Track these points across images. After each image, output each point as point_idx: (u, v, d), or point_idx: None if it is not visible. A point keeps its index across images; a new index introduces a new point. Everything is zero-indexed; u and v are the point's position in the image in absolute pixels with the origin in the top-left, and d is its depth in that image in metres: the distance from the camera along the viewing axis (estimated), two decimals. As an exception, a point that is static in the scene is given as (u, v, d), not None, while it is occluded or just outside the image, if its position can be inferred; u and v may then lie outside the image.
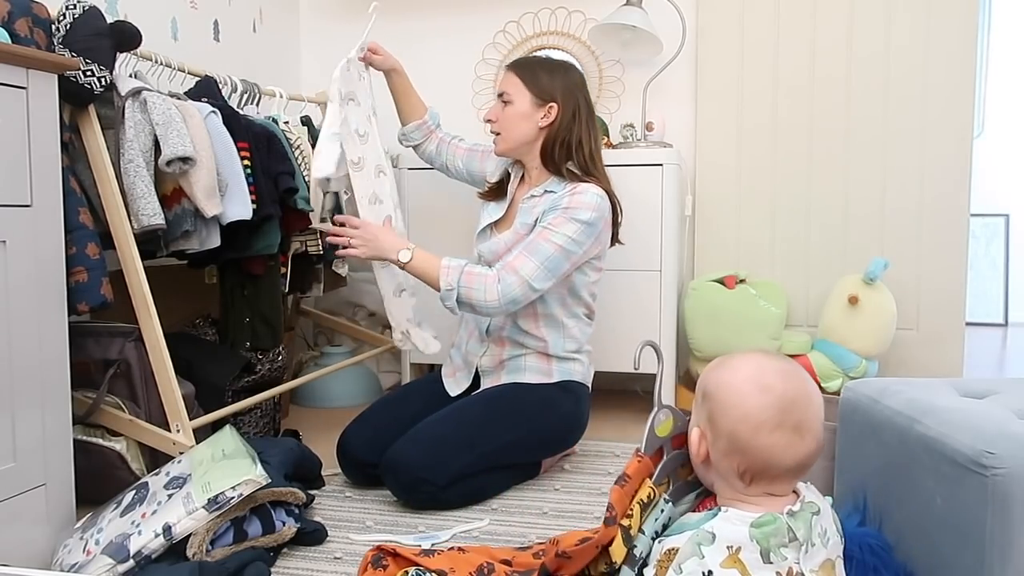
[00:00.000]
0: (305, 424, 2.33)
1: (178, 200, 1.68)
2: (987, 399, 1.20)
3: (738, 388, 0.95)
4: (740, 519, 0.90)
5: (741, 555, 0.87)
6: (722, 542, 0.88)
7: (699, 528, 0.90)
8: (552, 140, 1.86)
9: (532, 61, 1.97)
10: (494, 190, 2.00)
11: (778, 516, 0.89)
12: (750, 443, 0.93)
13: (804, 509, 0.92)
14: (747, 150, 2.62)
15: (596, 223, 1.79)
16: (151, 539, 1.28)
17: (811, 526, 0.91)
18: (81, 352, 1.64)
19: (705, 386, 0.99)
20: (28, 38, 1.49)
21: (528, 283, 1.73)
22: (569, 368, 1.89)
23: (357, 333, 2.75)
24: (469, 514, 1.65)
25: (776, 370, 0.95)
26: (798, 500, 0.94)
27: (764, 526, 0.88)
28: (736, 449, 0.94)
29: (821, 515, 0.93)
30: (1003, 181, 4.48)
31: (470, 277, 1.73)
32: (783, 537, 0.88)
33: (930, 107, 2.47)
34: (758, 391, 0.93)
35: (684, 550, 0.89)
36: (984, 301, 4.50)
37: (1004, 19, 4.46)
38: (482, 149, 2.11)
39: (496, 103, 1.93)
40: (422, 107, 2.12)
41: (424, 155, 2.18)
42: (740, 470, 0.94)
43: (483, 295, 1.72)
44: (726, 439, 0.95)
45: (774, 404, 0.92)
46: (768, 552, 0.87)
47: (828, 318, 2.38)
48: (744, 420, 0.93)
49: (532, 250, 1.75)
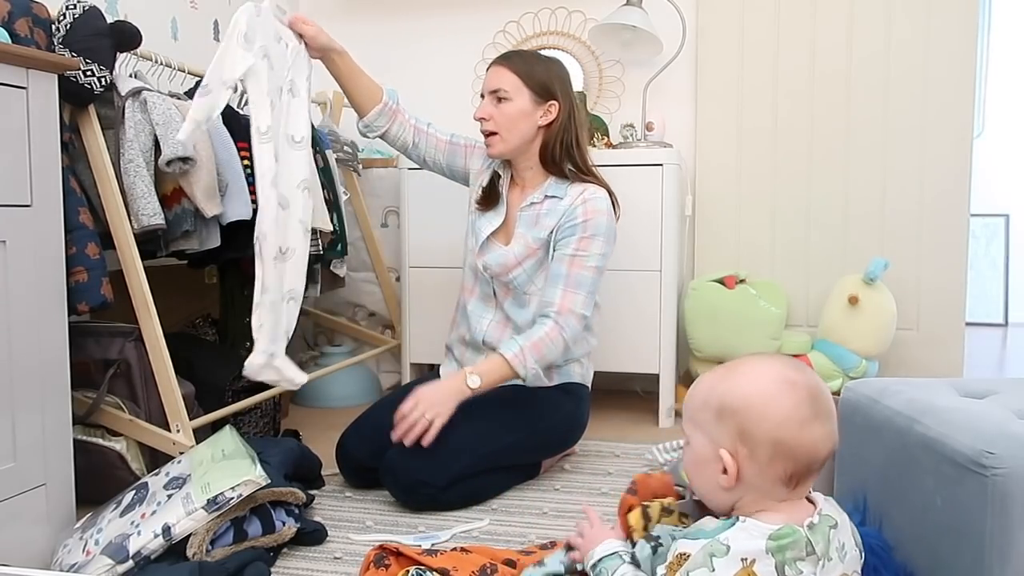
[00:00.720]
0: (305, 424, 2.33)
1: (178, 200, 1.68)
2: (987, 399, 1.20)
3: (767, 392, 0.91)
4: (758, 530, 0.87)
5: (755, 567, 0.84)
6: (736, 555, 0.85)
7: (714, 538, 0.88)
8: (552, 140, 1.82)
9: (523, 54, 1.87)
10: (487, 198, 1.90)
11: (797, 528, 0.86)
12: (798, 441, 0.89)
13: (822, 522, 0.89)
14: (747, 150, 2.62)
15: (612, 227, 1.80)
16: (150, 539, 1.27)
17: (829, 540, 0.88)
18: (81, 352, 1.64)
19: (723, 402, 0.92)
20: (28, 38, 1.49)
21: (582, 315, 1.76)
22: (568, 369, 1.89)
23: (357, 333, 2.75)
24: (469, 514, 1.65)
25: (789, 365, 0.94)
26: (816, 512, 0.91)
27: (783, 539, 0.85)
28: (782, 453, 0.90)
29: (839, 529, 0.91)
30: (1003, 181, 4.48)
31: (538, 349, 1.71)
32: (800, 551, 0.85)
33: (930, 107, 2.47)
34: (788, 389, 0.91)
35: (695, 559, 0.86)
36: (984, 301, 4.50)
37: (1004, 19, 4.46)
38: (464, 143, 1.98)
39: (486, 100, 1.82)
40: (376, 88, 1.87)
41: (396, 143, 1.95)
42: (787, 474, 0.90)
43: (557, 352, 1.75)
44: (769, 447, 0.90)
45: (806, 397, 0.91)
46: (783, 566, 0.84)
47: (828, 318, 2.38)
48: (787, 420, 0.90)
49: (575, 284, 1.75)
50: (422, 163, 2.02)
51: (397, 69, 2.86)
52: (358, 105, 1.89)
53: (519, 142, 1.82)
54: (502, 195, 1.89)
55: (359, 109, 1.90)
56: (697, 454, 0.95)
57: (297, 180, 1.60)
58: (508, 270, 1.82)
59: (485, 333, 1.87)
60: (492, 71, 1.83)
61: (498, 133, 1.81)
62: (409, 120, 1.94)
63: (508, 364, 1.69)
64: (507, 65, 1.81)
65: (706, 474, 0.94)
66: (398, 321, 2.63)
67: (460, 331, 1.95)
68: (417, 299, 2.47)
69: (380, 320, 2.82)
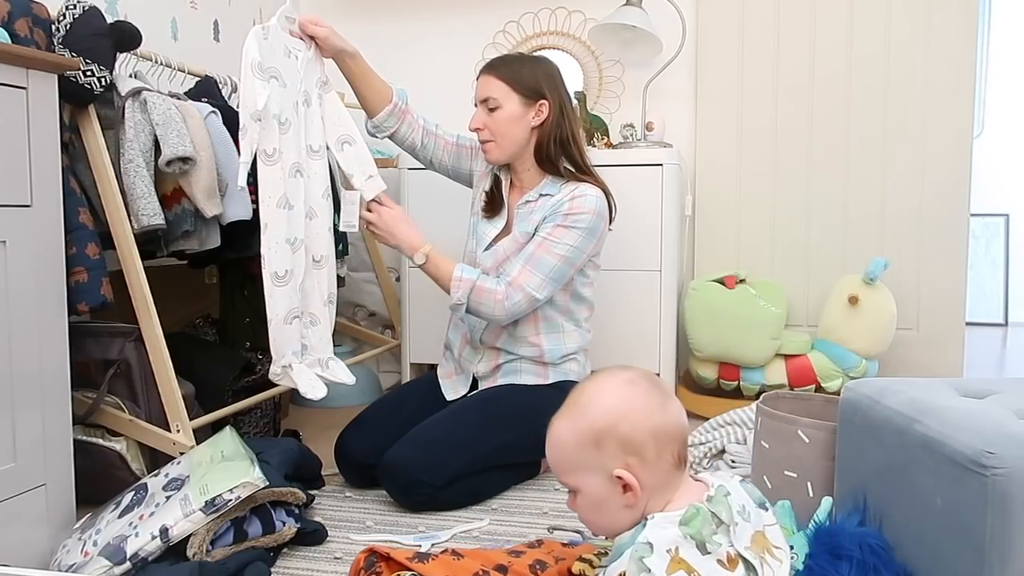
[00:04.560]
0: (305, 424, 2.33)
1: (178, 200, 1.68)
2: (987, 399, 1.20)
3: (619, 398, 0.97)
4: (667, 520, 0.91)
5: (681, 554, 0.87)
6: (660, 548, 0.88)
7: (635, 543, 0.90)
8: (546, 139, 1.82)
9: (509, 59, 1.87)
10: (490, 204, 1.91)
11: (699, 506, 0.91)
12: (667, 424, 0.95)
13: (717, 493, 0.94)
14: (747, 150, 2.62)
15: (597, 226, 1.79)
16: (148, 541, 1.27)
17: (730, 506, 0.93)
18: (81, 352, 1.64)
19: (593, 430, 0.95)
20: (28, 38, 1.49)
21: (533, 296, 1.76)
22: (565, 368, 1.89)
23: (357, 333, 2.75)
24: (469, 514, 1.65)
25: (614, 372, 1.01)
26: (712, 486, 0.96)
27: (691, 520, 0.89)
28: (663, 440, 0.95)
29: (734, 494, 0.95)
30: (1003, 181, 4.48)
31: (479, 293, 1.74)
32: (711, 525, 0.90)
33: (930, 107, 2.47)
34: (631, 386, 0.98)
35: (630, 569, 0.88)
36: (984, 301, 4.50)
37: (1004, 19, 4.46)
38: (469, 145, 2.00)
39: (478, 110, 1.83)
40: (387, 89, 1.89)
41: (404, 144, 1.97)
42: (676, 457, 0.96)
43: (491, 311, 1.76)
44: (652, 442, 0.94)
45: (648, 385, 0.98)
46: (704, 543, 0.88)
47: (828, 318, 2.38)
48: (651, 411, 0.95)
49: (535, 264, 1.76)
50: (428, 164, 2.04)
51: (397, 69, 2.85)
52: (369, 106, 1.90)
53: (515, 147, 1.84)
54: (505, 201, 1.90)
55: (369, 110, 1.91)
56: (593, 497, 0.97)
57: (321, 190, 1.68)
58: (498, 264, 1.83)
59: (483, 332, 1.88)
60: (480, 80, 1.85)
61: (494, 141, 1.83)
62: (418, 121, 1.96)
63: (450, 277, 1.75)
64: (493, 73, 1.82)
65: (610, 508, 0.97)
66: (398, 321, 2.63)
67: (459, 330, 1.96)
68: (417, 299, 2.47)
69: (380, 320, 2.82)
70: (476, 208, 1.96)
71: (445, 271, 1.76)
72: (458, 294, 1.75)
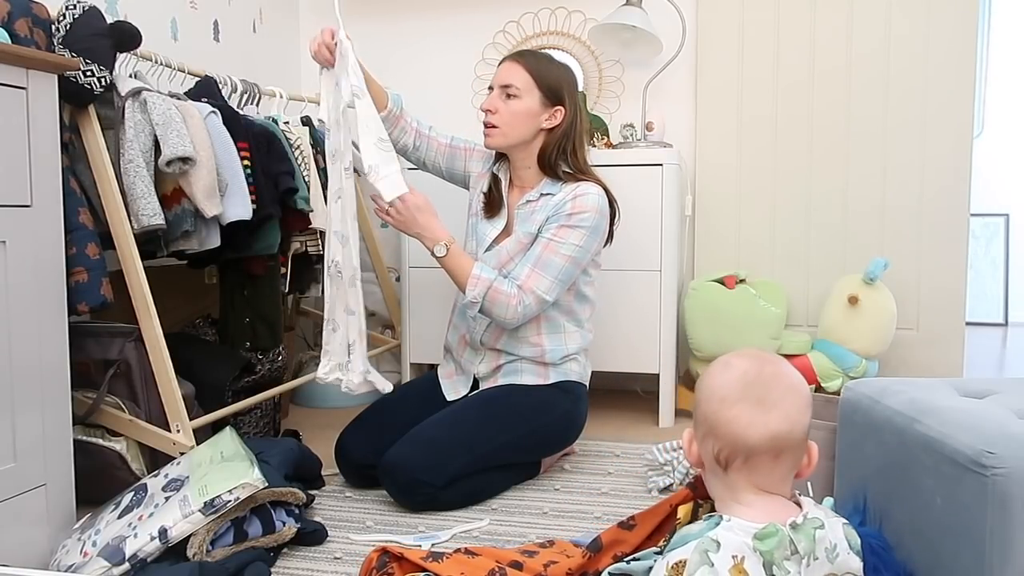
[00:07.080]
0: (305, 424, 2.33)
1: (178, 200, 1.68)
2: (987, 399, 1.20)
3: (708, 372, 1.00)
4: (742, 529, 0.90)
5: (745, 564, 0.87)
6: (727, 551, 0.87)
7: (703, 536, 0.89)
8: (553, 144, 1.83)
9: (539, 55, 1.88)
10: (489, 205, 1.91)
11: (780, 527, 0.89)
12: (716, 418, 0.95)
13: (807, 523, 0.92)
14: (747, 150, 2.62)
15: (600, 224, 1.80)
16: (147, 542, 1.27)
17: (814, 540, 0.90)
18: (81, 352, 1.64)
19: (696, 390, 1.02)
20: (28, 38, 1.50)
21: (544, 299, 1.77)
22: (566, 368, 1.89)
23: (357, 333, 2.74)
24: (469, 514, 1.65)
25: (745, 354, 1.00)
26: (801, 514, 0.93)
27: (767, 538, 0.88)
28: (709, 430, 0.96)
29: (827, 530, 0.93)
30: (1003, 181, 4.48)
31: (495, 295, 1.74)
32: (785, 550, 0.88)
33: (930, 107, 2.47)
34: (722, 369, 0.98)
35: (692, 560, 0.87)
36: (984, 301, 4.50)
37: (1004, 19, 4.46)
38: (464, 146, 2.00)
39: (495, 93, 1.83)
40: (383, 94, 1.88)
41: (396, 146, 1.93)
42: (715, 451, 0.95)
43: (503, 313, 1.76)
44: (703, 424, 0.97)
45: (736, 379, 0.96)
46: (771, 564, 0.87)
47: (828, 318, 2.38)
48: (710, 397, 0.97)
49: (544, 266, 1.76)
50: (421, 165, 2.05)
51: (397, 69, 2.86)
52: None
53: (517, 140, 1.84)
54: (504, 200, 1.90)
55: None
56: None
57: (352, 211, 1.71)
58: (501, 265, 1.83)
59: (483, 334, 1.88)
60: (505, 66, 1.84)
61: (500, 128, 1.83)
62: (411, 124, 1.96)
63: (468, 274, 1.75)
64: (521, 62, 1.82)
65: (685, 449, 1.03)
66: (398, 321, 2.63)
67: (458, 332, 1.96)
68: (417, 299, 2.47)
69: (380, 320, 2.82)
70: (475, 209, 1.96)
71: (464, 267, 1.77)
72: (474, 292, 1.75)
